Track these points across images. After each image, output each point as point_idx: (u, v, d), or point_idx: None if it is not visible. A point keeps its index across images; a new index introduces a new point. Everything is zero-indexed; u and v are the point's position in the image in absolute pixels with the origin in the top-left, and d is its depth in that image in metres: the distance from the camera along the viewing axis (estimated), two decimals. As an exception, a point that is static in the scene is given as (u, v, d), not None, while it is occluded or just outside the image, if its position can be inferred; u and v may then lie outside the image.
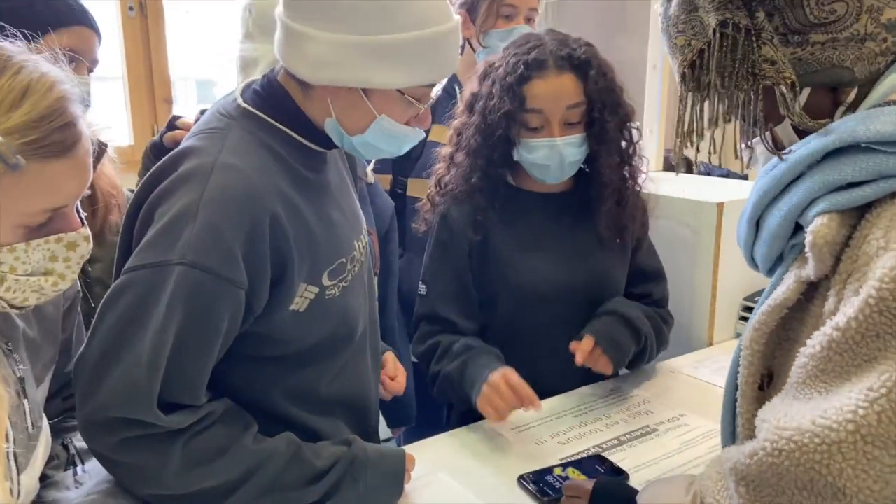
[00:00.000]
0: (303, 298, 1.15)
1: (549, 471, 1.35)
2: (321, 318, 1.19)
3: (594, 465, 1.38)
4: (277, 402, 1.21)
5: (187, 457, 1.06)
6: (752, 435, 0.86)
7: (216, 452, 1.08)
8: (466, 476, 1.36)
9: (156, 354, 1.01)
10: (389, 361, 1.50)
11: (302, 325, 1.17)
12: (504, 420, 1.46)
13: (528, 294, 1.63)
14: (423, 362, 1.68)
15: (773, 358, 0.90)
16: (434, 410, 1.91)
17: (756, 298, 2.02)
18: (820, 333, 0.78)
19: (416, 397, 1.90)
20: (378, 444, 1.28)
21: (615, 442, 1.49)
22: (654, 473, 1.35)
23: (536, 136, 1.56)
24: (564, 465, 1.37)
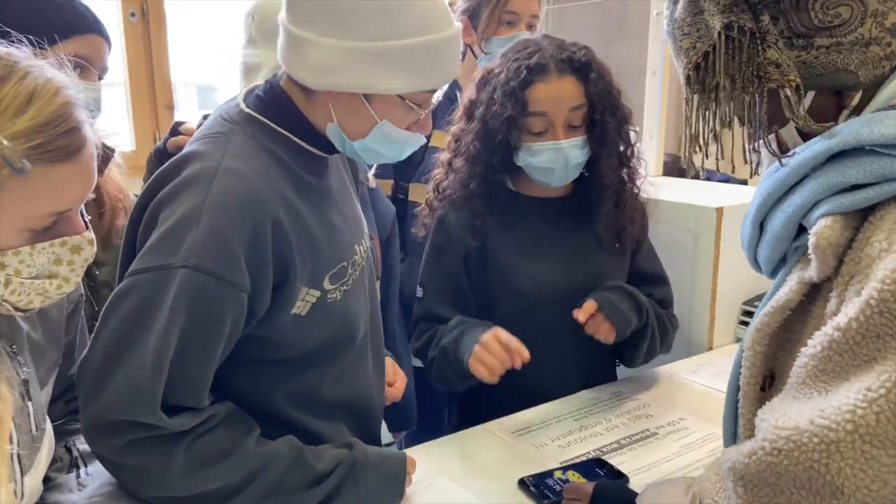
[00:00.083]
0: (304, 302, 1.16)
1: (549, 473, 1.35)
2: (323, 321, 1.19)
3: (594, 468, 1.38)
4: (279, 405, 1.22)
5: (190, 459, 1.06)
6: (753, 435, 0.87)
7: (219, 455, 1.09)
8: (467, 479, 1.36)
9: (159, 357, 1.02)
10: (388, 367, 1.50)
11: (304, 329, 1.18)
12: (495, 379, 1.45)
13: (528, 299, 1.63)
14: (421, 356, 1.68)
15: (775, 359, 0.90)
16: (435, 414, 1.92)
17: (755, 303, 2.03)
18: (821, 333, 0.78)
19: (417, 401, 1.91)
20: (379, 448, 1.28)
21: (615, 445, 1.50)
22: (654, 477, 1.35)
23: (540, 139, 1.56)
24: (565, 468, 1.37)
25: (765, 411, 0.84)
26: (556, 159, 1.57)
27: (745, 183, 3.38)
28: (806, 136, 0.89)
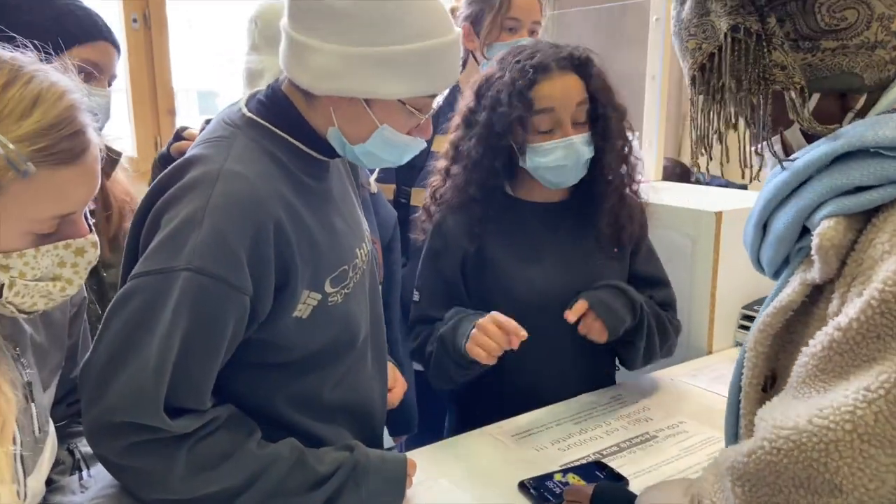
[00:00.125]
0: (306, 305, 1.17)
1: (549, 476, 1.35)
2: (324, 324, 1.20)
3: (594, 470, 1.39)
4: (281, 408, 1.22)
5: (192, 461, 1.07)
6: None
7: (220, 457, 1.09)
8: (467, 481, 1.37)
9: (162, 359, 1.02)
10: (389, 372, 1.50)
11: (305, 332, 1.18)
12: (493, 360, 1.46)
13: (526, 304, 1.63)
14: (418, 355, 1.68)
15: (777, 360, 0.90)
16: (435, 418, 1.92)
17: (755, 307, 2.04)
18: (822, 333, 0.78)
19: (417, 405, 1.91)
20: (380, 450, 1.29)
21: (615, 448, 1.50)
22: (654, 479, 1.36)
23: (550, 137, 1.57)
24: (565, 471, 1.38)
25: (764, 411, 0.84)
26: (569, 156, 1.57)
27: (744, 188, 3.40)
28: (810, 137, 0.89)
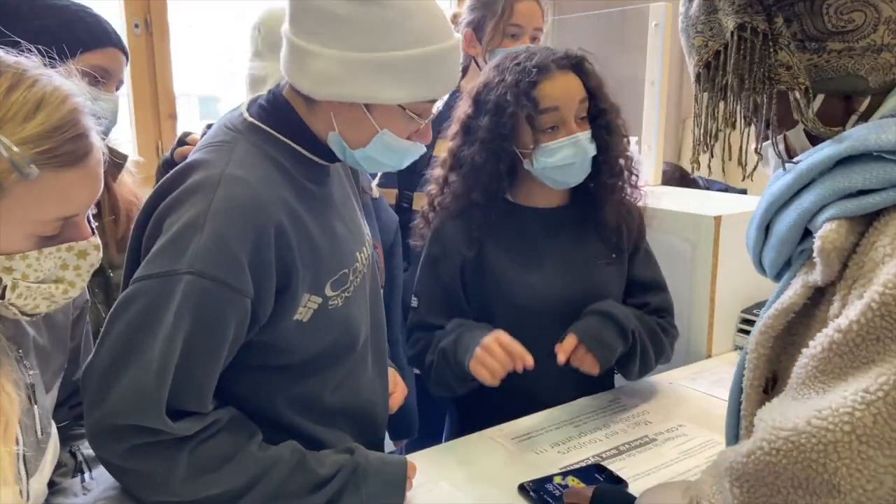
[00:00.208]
0: (306, 308, 1.17)
1: (549, 479, 1.36)
2: (324, 327, 1.21)
3: (593, 473, 1.39)
4: (281, 411, 1.23)
5: (194, 464, 1.07)
6: None
7: (222, 460, 1.10)
8: (467, 484, 1.37)
9: (164, 362, 1.03)
10: (389, 377, 1.50)
11: (305, 335, 1.19)
12: (497, 381, 1.46)
13: (526, 309, 1.64)
14: (417, 363, 1.69)
15: (779, 361, 0.91)
16: (435, 422, 1.93)
17: (754, 311, 2.05)
18: (822, 335, 0.78)
19: (418, 409, 1.91)
20: (380, 453, 1.29)
21: (614, 451, 1.50)
22: (653, 482, 1.35)
23: (555, 137, 1.57)
24: (564, 474, 1.38)
25: (763, 412, 0.84)
26: (577, 153, 1.57)
27: (744, 192, 3.40)
28: (814, 139, 0.89)
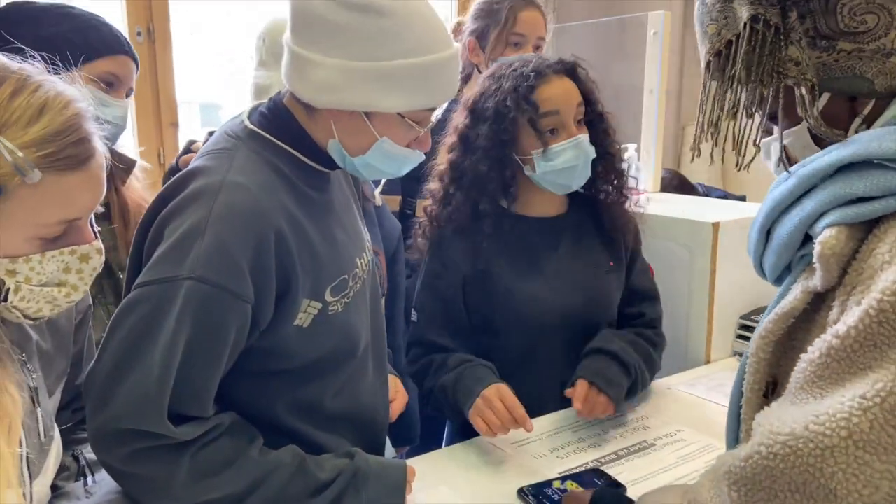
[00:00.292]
0: (306, 314, 1.18)
1: (548, 483, 1.37)
2: (324, 333, 1.21)
3: (592, 478, 1.40)
4: (282, 415, 1.24)
5: (195, 468, 1.08)
6: None
7: (223, 464, 1.11)
8: (467, 488, 1.38)
9: (166, 367, 1.04)
10: (390, 384, 1.51)
11: (306, 341, 1.20)
12: (495, 434, 1.47)
13: (528, 320, 1.64)
14: (416, 381, 1.69)
15: (779, 366, 0.91)
16: (436, 427, 1.93)
17: (752, 317, 2.05)
18: (820, 340, 0.79)
19: (419, 414, 1.92)
20: (380, 457, 1.30)
21: (613, 456, 1.51)
22: (651, 487, 1.35)
23: (556, 140, 1.58)
24: (563, 479, 1.39)
25: (761, 416, 0.85)
26: (578, 155, 1.58)
27: (743, 199, 3.42)
28: (817, 140, 0.90)
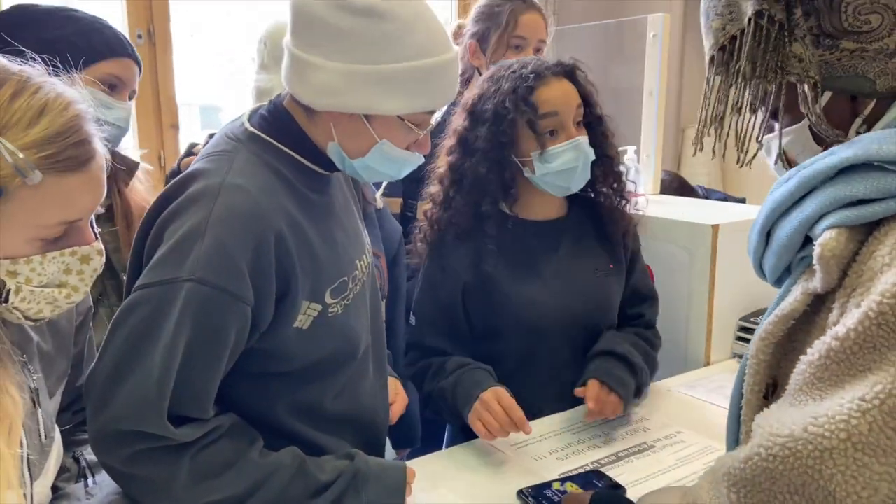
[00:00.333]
0: (306, 316, 1.18)
1: (547, 485, 1.37)
2: (324, 335, 1.22)
3: (592, 479, 1.40)
4: (282, 417, 1.24)
5: (195, 470, 1.09)
6: None
7: (223, 466, 1.11)
8: (466, 490, 1.38)
9: (166, 368, 1.04)
10: (390, 386, 1.52)
11: (305, 342, 1.20)
12: (493, 438, 1.47)
13: (529, 323, 1.64)
14: (414, 384, 1.69)
15: (779, 367, 0.91)
16: (436, 429, 1.93)
17: (752, 318, 2.05)
18: (820, 342, 0.79)
19: (420, 419, 1.92)
20: (380, 458, 1.30)
21: (612, 458, 1.51)
22: (651, 488, 1.36)
23: (555, 142, 1.58)
24: (563, 480, 1.39)
25: (761, 417, 0.85)
26: (578, 157, 1.58)
27: (742, 201, 3.42)
28: (818, 139, 0.90)
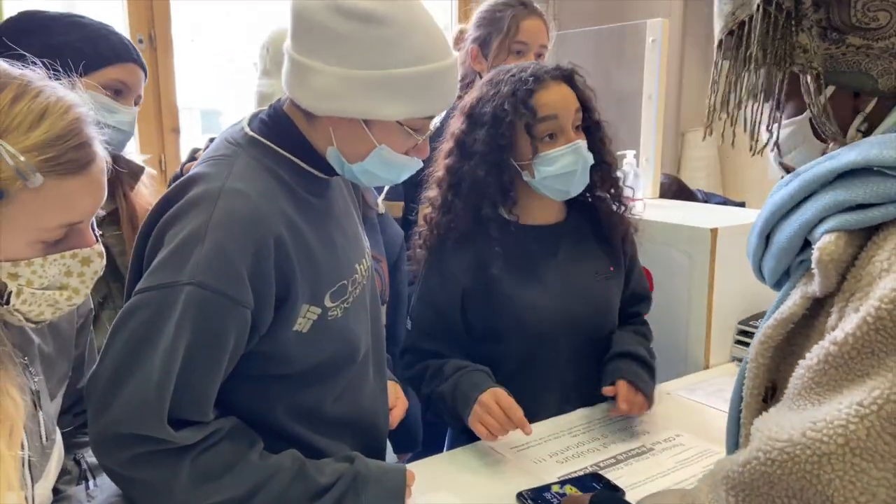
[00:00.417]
0: (306, 319, 1.19)
1: (547, 488, 1.37)
2: (324, 338, 1.22)
3: (591, 482, 1.40)
4: (282, 420, 1.24)
5: (195, 472, 1.09)
6: None
7: (223, 468, 1.11)
8: (466, 492, 1.39)
9: (166, 372, 1.04)
10: (390, 391, 1.52)
11: (305, 346, 1.20)
12: (495, 438, 1.48)
13: (531, 328, 1.64)
14: (411, 387, 1.69)
15: (778, 371, 0.91)
16: (437, 433, 1.93)
17: (751, 322, 2.06)
18: (818, 347, 0.79)
19: (422, 422, 1.92)
20: (380, 461, 1.30)
21: (612, 461, 1.52)
22: (650, 491, 1.37)
23: (554, 145, 1.58)
24: (562, 483, 1.39)
25: (760, 421, 0.85)
26: (577, 160, 1.58)
27: (742, 205, 3.42)
28: (818, 134, 0.91)
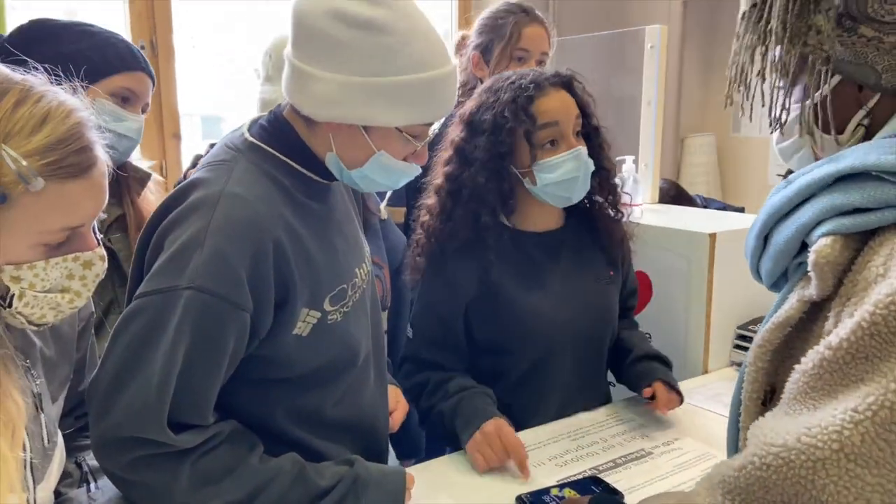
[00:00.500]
0: (305, 323, 1.20)
1: (546, 491, 1.37)
2: (324, 342, 1.23)
3: (590, 485, 1.41)
4: (282, 423, 1.25)
5: (195, 476, 1.10)
6: None
7: (223, 472, 1.12)
8: (465, 496, 1.39)
9: (166, 375, 1.05)
10: (391, 395, 1.53)
11: (305, 349, 1.21)
12: (488, 468, 1.47)
13: (534, 334, 1.64)
14: (411, 399, 1.65)
15: (777, 374, 0.92)
16: (438, 441, 1.93)
17: (750, 326, 2.06)
18: (813, 352, 0.79)
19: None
20: (380, 464, 1.31)
21: (611, 464, 1.52)
22: (648, 494, 1.37)
23: (555, 152, 1.57)
24: (561, 486, 1.40)
25: (756, 426, 0.85)
26: (578, 167, 1.57)
27: (741, 210, 3.44)
28: (824, 126, 0.91)
